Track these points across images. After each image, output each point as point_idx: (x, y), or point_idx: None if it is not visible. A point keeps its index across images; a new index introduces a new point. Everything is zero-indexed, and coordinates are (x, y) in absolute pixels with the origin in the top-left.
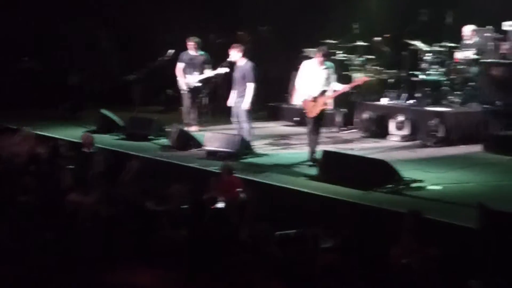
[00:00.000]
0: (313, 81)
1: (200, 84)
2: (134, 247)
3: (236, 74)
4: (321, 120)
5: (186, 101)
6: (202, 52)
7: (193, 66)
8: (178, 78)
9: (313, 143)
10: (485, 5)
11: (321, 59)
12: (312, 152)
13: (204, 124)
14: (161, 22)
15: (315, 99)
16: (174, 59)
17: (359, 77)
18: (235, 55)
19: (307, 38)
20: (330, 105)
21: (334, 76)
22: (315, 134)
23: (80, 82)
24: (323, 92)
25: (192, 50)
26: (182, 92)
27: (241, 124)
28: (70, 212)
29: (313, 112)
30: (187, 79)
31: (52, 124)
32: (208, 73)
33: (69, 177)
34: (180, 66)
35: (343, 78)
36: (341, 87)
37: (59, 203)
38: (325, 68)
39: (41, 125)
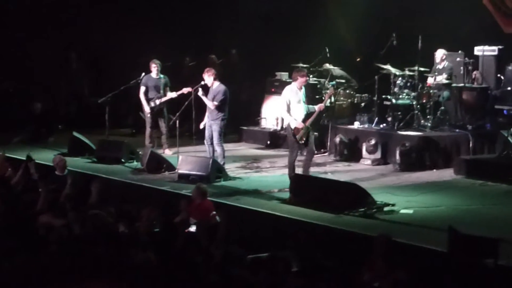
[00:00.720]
0: (297, 106)
1: (163, 106)
2: (104, 269)
3: (209, 97)
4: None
5: (149, 124)
6: (162, 76)
7: (156, 89)
8: (142, 101)
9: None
10: (456, 30)
11: (304, 81)
12: None
13: (175, 147)
14: (133, 44)
15: (303, 124)
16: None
17: (327, 92)
18: (208, 78)
19: (278, 62)
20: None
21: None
22: (311, 159)
23: (46, 109)
24: (307, 115)
25: (155, 72)
26: (146, 115)
27: (214, 147)
28: (42, 234)
29: (303, 137)
30: (151, 102)
31: (23, 146)
32: (171, 94)
33: (41, 200)
34: (143, 89)
35: (317, 102)
36: (316, 107)
37: (30, 225)
38: (303, 91)
39: (11, 147)
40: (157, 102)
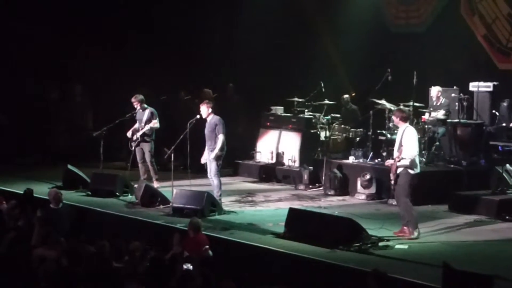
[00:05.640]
0: (396, 144)
1: (144, 139)
2: None
3: (206, 130)
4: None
5: (139, 157)
6: (146, 106)
7: (139, 122)
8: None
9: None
10: (451, 66)
11: (396, 120)
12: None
13: (169, 180)
14: (129, 78)
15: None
16: None
17: None
18: (205, 110)
19: (273, 96)
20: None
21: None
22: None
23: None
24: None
25: (137, 107)
26: (131, 148)
27: (211, 179)
28: (36, 267)
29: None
30: (134, 136)
31: (17, 179)
32: (153, 123)
33: (36, 234)
34: (136, 124)
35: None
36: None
37: (24, 259)
38: (403, 131)
39: (5, 180)
40: (138, 135)
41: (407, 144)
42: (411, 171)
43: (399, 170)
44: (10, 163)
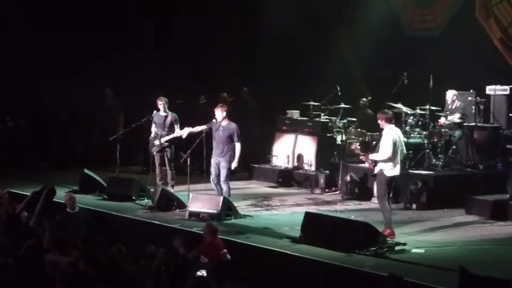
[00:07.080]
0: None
1: (166, 145)
2: None
3: (220, 134)
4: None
5: (157, 161)
6: (169, 112)
7: (160, 126)
8: (149, 139)
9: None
10: (467, 69)
11: (381, 122)
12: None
13: (185, 184)
14: (145, 82)
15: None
16: None
17: None
18: (220, 113)
19: (289, 100)
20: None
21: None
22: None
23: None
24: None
25: (162, 109)
26: (152, 152)
27: (221, 184)
28: (49, 272)
29: None
30: (156, 140)
31: (35, 183)
32: (179, 132)
33: (47, 238)
34: (153, 127)
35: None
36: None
37: (38, 263)
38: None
39: (24, 184)
40: (162, 140)
41: (381, 146)
42: (386, 173)
43: (377, 170)
44: (28, 167)
